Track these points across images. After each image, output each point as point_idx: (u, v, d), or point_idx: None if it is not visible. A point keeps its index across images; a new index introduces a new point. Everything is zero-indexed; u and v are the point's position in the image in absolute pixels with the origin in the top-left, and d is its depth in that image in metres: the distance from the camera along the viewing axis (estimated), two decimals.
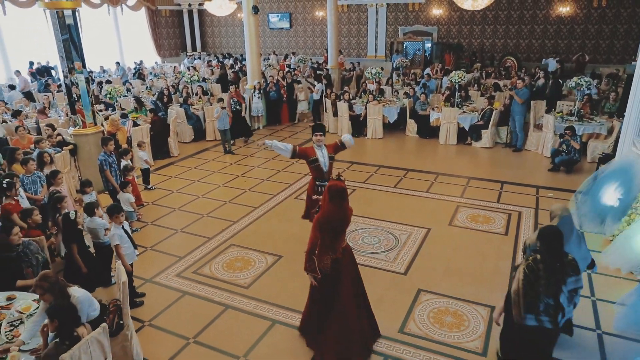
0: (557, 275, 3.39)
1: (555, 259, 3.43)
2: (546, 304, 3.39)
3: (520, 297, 3.41)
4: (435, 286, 5.29)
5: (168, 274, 5.65)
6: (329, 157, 5.56)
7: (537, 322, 3.41)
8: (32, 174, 6.05)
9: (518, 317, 3.47)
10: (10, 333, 3.48)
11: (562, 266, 3.43)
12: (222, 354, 4.30)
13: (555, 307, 3.40)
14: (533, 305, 3.40)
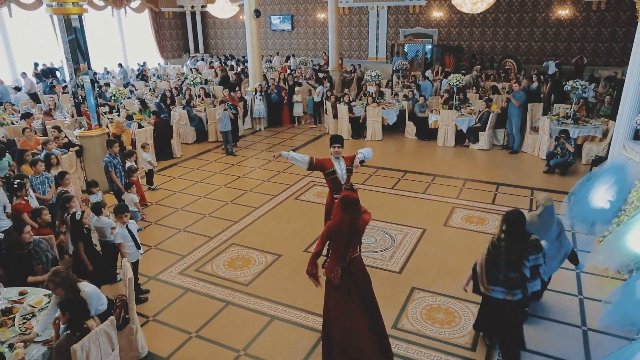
0: (517, 253, 3.85)
1: (517, 239, 3.90)
2: (505, 276, 3.87)
3: (483, 269, 3.98)
4: (428, 284, 5.49)
5: (171, 272, 5.86)
6: (347, 170, 5.38)
7: (499, 294, 3.93)
8: (40, 175, 6.27)
9: (483, 288, 4.01)
10: (24, 325, 3.69)
11: (524, 245, 3.87)
12: (223, 348, 4.51)
13: (517, 280, 3.86)
14: (494, 277, 3.93)
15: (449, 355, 4.36)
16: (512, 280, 3.87)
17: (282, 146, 11.61)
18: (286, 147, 11.52)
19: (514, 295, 3.90)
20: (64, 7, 7.45)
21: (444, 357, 4.34)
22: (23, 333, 3.61)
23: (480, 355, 4.37)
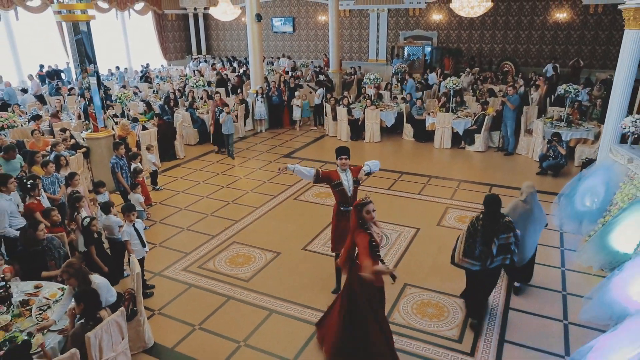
0: (491, 232, 4.55)
1: (493, 220, 4.59)
2: (481, 251, 4.59)
3: (462, 243, 4.74)
4: (420, 281, 5.76)
5: (175, 268, 6.15)
6: (354, 181, 5.32)
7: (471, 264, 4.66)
8: (51, 176, 6.56)
9: (457, 259, 4.79)
10: (40, 316, 3.97)
11: (498, 225, 4.57)
12: (224, 339, 4.79)
13: (487, 254, 4.57)
14: (470, 251, 4.65)
15: (437, 346, 4.64)
16: (483, 254, 4.60)
17: (283, 147, 11.89)
18: (287, 148, 11.81)
19: (480, 266, 4.65)
20: (73, 15, 7.74)
21: (432, 348, 4.61)
22: (39, 322, 3.89)
23: (467, 347, 4.64)
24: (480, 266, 4.63)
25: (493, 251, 4.55)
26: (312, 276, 5.83)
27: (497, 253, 4.59)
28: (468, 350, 4.59)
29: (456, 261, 4.84)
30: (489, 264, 4.62)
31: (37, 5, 17.82)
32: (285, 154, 11.29)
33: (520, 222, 5.09)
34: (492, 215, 4.61)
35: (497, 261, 4.65)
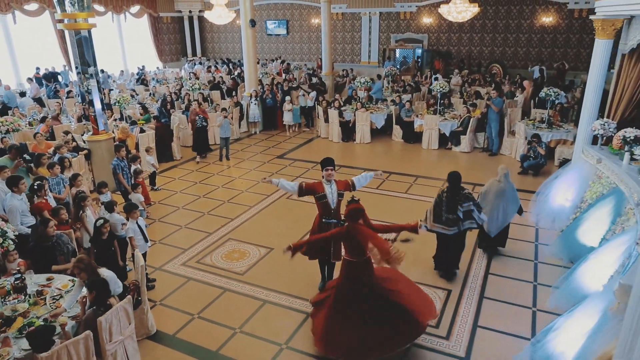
0: (454, 201, 5.68)
1: (454, 192, 5.69)
2: (447, 218, 5.73)
3: (431, 212, 5.90)
4: (403, 273, 6.18)
5: (175, 263, 6.56)
6: (338, 194, 5.33)
7: (441, 228, 5.80)
8: (56, 177, 6.94)
9: (429, 224, 5.90)
10: (54, 304, 4.37)
11: (459, 196, 5.68)
12: (221, 327, 5.21)
13: (454, 220, 5.71)
14: (438, 218, 5.79)
15: None
16: (451, 220, 5.73)
17: (277, 149, 12.31)
18: (280, 149, 12.23)
19: (450, 231, 5.75)
20: (75, 24, 8.13)
21: None
22: (54, 311, 4.29)
23: (443, 332, 5.08)
24: (454, 230, 5.72)
25: (460, 217, 5.69)
26: (303, 270, 6.24)
27: (464, 218, 5.71)
28: (444, 335, 5.04)
29: (429, 227, 5.92)
30: (461, 227, 5.73)
31: (35, 9, 18.14)
32: (279, 155, 11.71)
33: (495, 198, 6.27)
34: (454, 187, 5.72)
35: (465, 225, 5.77)
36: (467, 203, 5.71)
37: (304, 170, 10.50)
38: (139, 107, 12.48)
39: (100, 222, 5.25)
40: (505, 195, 6.28)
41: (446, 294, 5.74)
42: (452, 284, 5.95)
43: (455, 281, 6.03)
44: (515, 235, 7.25)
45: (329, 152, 12.02)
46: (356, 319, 4.53)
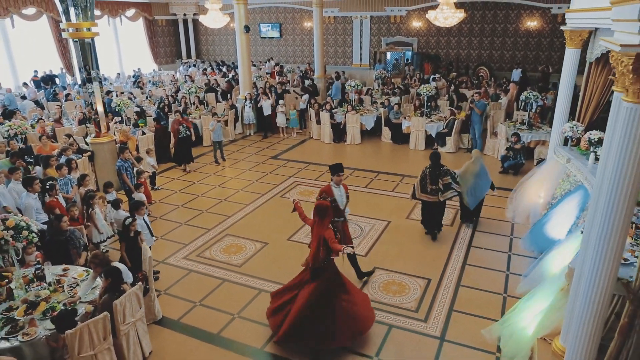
0: (435, 175, 7.20)
1: (435, 167, 7.22)
2: (430, 189, 7.24)
3: (418, 184, 7.32)
4: (387, 265, 6.75)
5: (177, 257, 7.07)
6: (347, 196, 6.00)
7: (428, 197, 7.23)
8: (64, 177, 7.42)
9: (417, 194, 7.33)
10: (71, 291, 4.87)
11: (439, 171, 7.19)
12: (221, 312, 5.73)
13: (436, 190, 7.20)
14: (424, 189, 7.28)
15: (399, 315, 5.63)
16: (434, 190, 7.21)
17: (271, 150, 12.83)
18: (274, 150, 12.75)
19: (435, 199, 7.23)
20: (80, 32, 8.61)
21: (395, 317, 5.60)
22: (72, 296, 4.79)
23: (422, 315, 5.63)
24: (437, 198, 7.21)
25: (441, 188, 7.20)
26: (295, 262, 6.73)
27: (444, 190, 7.20)
28: (422, 318, 5.59)
29: (417, 197, 7.40)
30: (442, 197, 7.22)
31: (32, 13, 18.52)
32: (273, 156, 12.23)
33: (471, 177, 7.61)
34: (435, 164, 7.27)
35: (447, 195, 7.25)
36: (446, 177, 7.22)
37: (297, 170, 11.03)
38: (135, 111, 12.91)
39: (128, 220, 5.69)
40: (479, 174, 7.62)
41: (426, 283, 6.29)
42: (432, 274, 6.50)
43: (435, 271, 6.58)
44: (492, 230, 7.84)
45: (321, 152, 12.56)
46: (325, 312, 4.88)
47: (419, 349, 5.09)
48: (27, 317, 4.41)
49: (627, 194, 3.04)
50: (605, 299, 3.36)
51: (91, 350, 4.21)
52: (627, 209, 3.10)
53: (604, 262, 3.28)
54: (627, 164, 2.98)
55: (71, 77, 20.02)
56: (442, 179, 7.21)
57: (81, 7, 8.46)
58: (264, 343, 5.20)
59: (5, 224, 4.45)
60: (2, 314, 4.49)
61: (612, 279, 3.30)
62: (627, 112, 2.93)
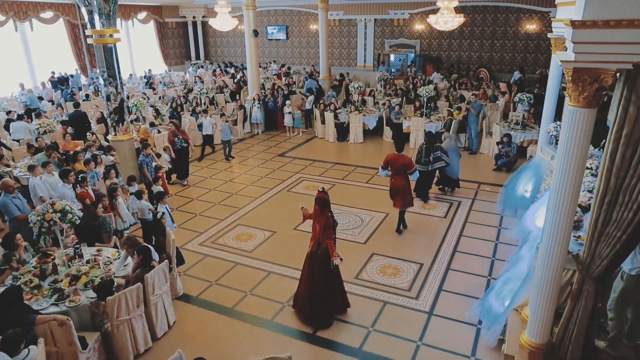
0: (428, 150, 8.96)
1: (429, 143, 9.03)
2: (424, 160, 9.01)
3: (414, 157, 8.88)
4: (384, 251, 7.44)
5: (193, 243, 7.79)
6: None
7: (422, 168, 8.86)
8: (91, 171, 8.16)
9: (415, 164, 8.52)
10: (106, 267, 5.61)
11: (432, 147, 8.99)
12: (234, 290, 6.45)
13: (428, 162, 9.01)
14: (419, 160, 8.95)
15: (392, 294, 6.31)
16: (426, 162, 9.02)
17: (278, 148, 13.54)
18: (281, 148, 13.45)
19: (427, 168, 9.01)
20: (103, 39, 9.35)
21: (388, 294, 6.29)
22: (107, 272, 5.52)
23: (414, 294, 6.32)
24: (427, 168, 9.10)
25: (431, 160, 9.06)
26: (300, 248, 7.35)
27: (434, 161, 9.08)
28: (414, 296, 6.27)
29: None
30: (431, 167, 9.11)
31: (50, 16, 19.36)
32: (280, 154, 12.94)
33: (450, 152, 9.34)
34: (429, 141, 9.20)
35: (436, 165, 9.15)
36: (437, 152, 9.11)
37: (303, 167, 11.73)
38: (152, 109, 13.71)
39: (159, 214, 6.42)
40: (455, 150, 9.63)
41: (419, 267, 6.98)
42: (425, 259, 7.17)
43: (427, 257, 7.26)
44: (483, 222, 8.51)
45: (325, 150, 13.26)
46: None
47: (409, 321, 5.77)
48: (71, 287, 5.14)
49: (572, 179, 3.71)
50: (558, 270, 4.03)
51: (127, 315, 4.94)
52: (573, 192, 3.77)
53: (555, 239, 3.95)
54: (571, 154, 3.65)
55: (85, 77, 20.84)
56: (433, 153, 9.05)
57: (105, 15, 9.20)
58: (273, 315, 5.91)
59: (53, 207, 5.19)
60: (50, 285, 5.22)
61: (563, 253, 3.97)
62: (569, 113, 3.61)
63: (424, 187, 9.43)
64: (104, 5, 9.12)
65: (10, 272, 5.38)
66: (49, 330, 4.39)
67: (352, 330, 5.63)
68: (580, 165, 3.67)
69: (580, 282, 4.04)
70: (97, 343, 4.87)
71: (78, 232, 6.39)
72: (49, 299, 5.01)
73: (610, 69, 3.32)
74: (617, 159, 3.58)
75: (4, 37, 17.96)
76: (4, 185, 6.57)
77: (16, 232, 5.71)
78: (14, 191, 6.72)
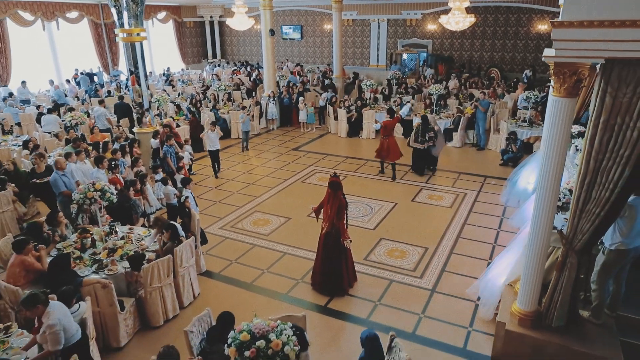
0: (423, 130, 10.50)
1: (424, 124, 10.59)
2: (421, 139, 10.55)
3: (412, 136, 10.65)
4: (392, 236, 7.95)
5: (214, 227, 8.39)
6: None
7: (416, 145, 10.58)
8: (119, 160, 8.80)
9: (412, 143, 10.67)
10: (139, 243, 6.22)
11: (426, 128, 10.53)
12: (253, 268, 7.02)
13: (423, 141, 10.51)
14: (416, 139, 10.61)
15: (399, 273, 6.83)
16: (422, 141, 10.44)
17: (292, 142, 14.11)
18: (296, 143, 14.02)
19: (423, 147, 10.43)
20: (131, 37, 10.00)
21: (394, 274, 6.80)
22: (139, 247, 6.13)
23: (418, 273, 6.82)
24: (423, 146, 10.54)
25: (427, 139, 10.48)
26: (313, 232, 7.87)
27: (428, 140, 10.48)
28: (419, 276, 6.78)
29: (411, 144, 10.80)
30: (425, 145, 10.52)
31: (75, 16, 20.20)
32: (294, 148, 13.51)
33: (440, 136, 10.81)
34: (424, 122, 10.55)
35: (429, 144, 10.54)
36: (430, 132, 10.55)
37: (316, 160, 12.28)
38: (173, 105, 14.37)
39: (183, 198, 7.03)
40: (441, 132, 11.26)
41: (424, 250, 7.48)
42: (430, 244, 7.66)
43: (432, 242, 7.75)
44: (487, 212, 8.96)
45: (338, 145, 13.80)
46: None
47: (413, 297, 6.28)
48: (109, 258, 5.75)
49: (556, 160, 4.19)
50: (544, 243, 4.51)
51: (158, 283, 5.54)
52: (557, 171, 4.25)
53: (542, 213, 4.43)
54: (555, 138, 4.14)
55: (107, 75, 21.65)
56: (428, 133, 10.54)
57: (133, 15, 9.84)
58: (288, 290, 6.47)
59: (94, 186, 5.81)
60: (90, 256, 5.85)
61: (549, 227, 4.45)
62: (552, 102, 4.10)
63: (419, 162, 10.99)
64: (133, 6, 9.76)
65: (54, 245, 6.01)
66: (94, 291, 5.00)
67: (361, 303, 6.16)
68: (563, 147, 4.16)
69: (564, 255, 4.51)
70: (132, 307, 5.48)
71: (111, 213, 7.04)
72: (90, 268, 5.63)
73: (585, 63, 3.81)
74: (596, 143, 4.05)
75: (33, 36, 18.82)
76: (57, 163, 7.37)
77: (59, 210, 6.36)
78: (64, 169, 7.46)
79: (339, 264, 6.22)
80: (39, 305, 3.93)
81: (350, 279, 6.46)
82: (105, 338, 5.26)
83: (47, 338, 3.90)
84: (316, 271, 6.45)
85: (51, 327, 3.90)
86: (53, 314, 3.94)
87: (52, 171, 7.70)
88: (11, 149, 10.56)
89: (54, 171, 7.59)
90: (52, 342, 3.92)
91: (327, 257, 6.22)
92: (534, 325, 4.77)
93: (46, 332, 3.90)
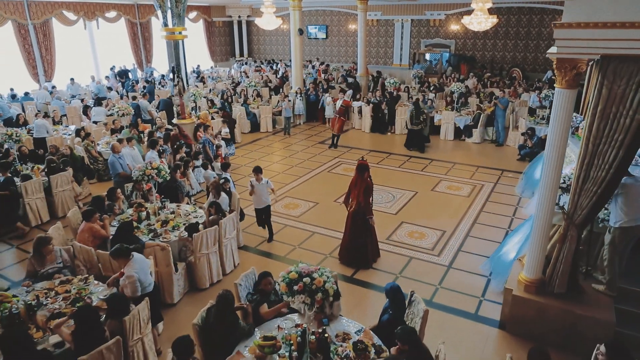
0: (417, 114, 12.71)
1: (417, 110, 12.78)
2: (415, 122, 12.75)
3: (408, 120, 12.76)
4: (412, 220, 8.61)
5: (248, 210, 9.11)
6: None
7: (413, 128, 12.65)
8: (161, 147, 9.67)
9: (409, 125, 12.87)
10: (186, 218, 7.03)
11: (419, 112, 12.68)
12: (285, 244, 7.78)
13: (417, 122, 12.74)
14: (411, 122, 12.74)
15: (418, 252, 7.49)
16: (416, 123, 12.73)
17: (318, 137, 14.85)
18: (321, 137, 14.76)
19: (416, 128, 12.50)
20: (174, 35, 10.88)
21: (413, 252, 7.47)
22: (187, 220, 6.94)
23: (436, 252, 7.47)
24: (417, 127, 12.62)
25: (422, 121, 12.62)
26: (339, 215, 8.61)
27: (422, 122, 12.51)
28: (437, 254, 7.43)
29: (408, 127, 12.84)
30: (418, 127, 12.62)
31: (113, 16, 21.36)
32: (320, 141, 14.25)
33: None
34: (416, 108, 12.59)
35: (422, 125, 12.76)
36: (423, 115, 12.71)
37: (341, 152, 13.00)
38: (206, 100, 15.27)
39: (222, 180, 7.83)
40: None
41: (442, 233, 8.11)
42: (447, 228, 8.29)
43: (450, 226, 8.37)
44: (502, 201, 9.52)
45: (361, 140, 14.48)
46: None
47: (431, 271, 6.94)
48: (162, 228, 6.58)
49: (559, 143, 4.81)
50: (549, 217, 5.13)
51: (206, 250, 6.33)
52: (560, 152, 4.86)
53: (547, 190, 5.06)
54: (558, 123, 4.76)
55: (141, 72, 22.77)
56: (421, 116, 12.66)
57: (176, 15, 10.72)
58: (318, 263, 7.20)
59: (151, 165, 6.65)
60: (146, 226, 6.68)
61: (552, 203, 5.07)
62: (557, 93, 4.72)
63: (418, 141, 13.02)
64: (176, 6, 10.63)
65: (114, 217, 6.87)
66: (154, 253, 5.81)
67: (383, 275, 6.85)
68: (565, 131, 4.77)
69: (566, 228, 5.12)
70: (183, 270, 6.28)
71: (160, 192, 7.89)
72: (147, 236, 6.45)
73: (583, 59, 4.42)
74: (594, 129, 4.66)
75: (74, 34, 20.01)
76: (114, 147, 8.27)
77: (117, 187, 7.23)
78: (119, 152, 8.38)
79: (364, 240, 6.94)
80: (123, 256, 4.75)
81: (374, 254, 7.15)
82: (162, 295, 6.07)
83: (127, 286, 4.71)
84: (343, 246, 7.16)
85: (130, 277, 4.71)
86: (133, 266, 4.75)
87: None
88: (63, 137, 11.59)
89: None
90: (130, 290, 4.73)
91: (353, 233, 6.94)
92: (538, 291, 5.38)
93: (126, 281, 4.72)
